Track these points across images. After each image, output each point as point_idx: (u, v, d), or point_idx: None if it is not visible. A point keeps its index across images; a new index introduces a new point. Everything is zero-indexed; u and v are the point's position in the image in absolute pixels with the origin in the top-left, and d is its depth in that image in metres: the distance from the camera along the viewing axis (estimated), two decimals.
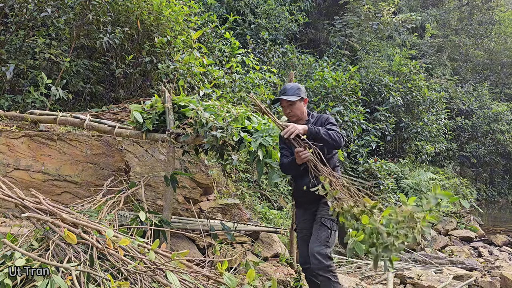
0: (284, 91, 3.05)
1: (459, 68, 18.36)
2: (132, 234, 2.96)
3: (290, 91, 3.03)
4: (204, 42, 7.40)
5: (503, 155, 16.63)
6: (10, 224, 3.32)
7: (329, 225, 2.87)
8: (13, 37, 5.45)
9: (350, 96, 9.64)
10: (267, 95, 7.21)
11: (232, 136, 3.33)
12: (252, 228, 4.70)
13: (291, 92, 3.02)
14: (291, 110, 3.02)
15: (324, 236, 2.83)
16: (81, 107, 5.81)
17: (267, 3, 11.46)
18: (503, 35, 18.81)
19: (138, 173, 4.18)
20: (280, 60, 10.21)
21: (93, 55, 6.30)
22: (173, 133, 3.57)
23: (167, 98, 3.66)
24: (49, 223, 2.48)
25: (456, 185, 11.90)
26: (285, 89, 3.06)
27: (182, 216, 4.23)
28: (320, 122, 3.06)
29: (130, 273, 2.28)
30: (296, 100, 3.00)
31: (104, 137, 4.26)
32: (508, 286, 4.56)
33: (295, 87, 3.06)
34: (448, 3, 19.20)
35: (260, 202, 6.63)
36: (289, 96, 2.99)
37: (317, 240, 2.84)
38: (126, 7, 5.84)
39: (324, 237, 2.83)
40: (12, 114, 4.48)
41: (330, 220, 2.87)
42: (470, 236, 7.90)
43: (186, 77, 5.41)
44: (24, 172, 3.89)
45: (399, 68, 12.21)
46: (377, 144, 10.06)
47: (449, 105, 14.92)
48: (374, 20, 12.13)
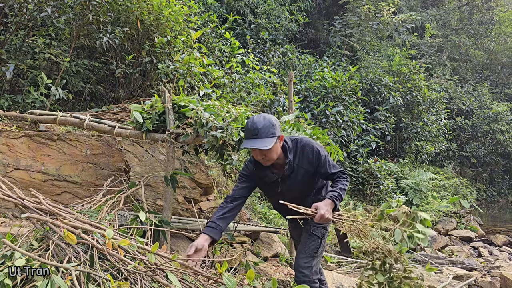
0: (255, 132, 2.29)
1: (459, 68, 18.37)
2: (132, 234, 2.96)
3: (263, 132, 2.28)
4: (204, 42, 7.40)
5: (503, 155, 16.64)
6: (10, 224, 3.33)
7: (320, 234, 2.62)
8: (13, 37, 5.45)
9: (350, 96, 9.64)
10: (267, 95, 7.22)
11: (232, 136, 3.33)
12: (252, 228, 4.71)
13: (265, 133, 2.29)
14: (266, 155, 2.36)
15: (313, 247, 2.59)
16: (81, 107, 5.81)
17: (267, 3, 11.47)
18: (503, 35, 18.82)
19: (138, 173, 4.18)
20: (280, 60, 10.22)
21: (93, 55, 6.30)
22: (173, 133, 3.57)
23: (167, 98, 3.66)
24: (49, 223, 2.48)
25: (456, 185, 11.91)
26: (255, 129, 2.29)
27: (182, 216, 4.23)
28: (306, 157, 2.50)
29: (130, 273, 2.28)
30: (271, 145, 2.29)
31: (104, 137, 4.26)
32: (508, 286, 4.56)
33: (268, 125, 2.30)
34: (448, 3, 19.20)
35: (260, 202, 6.63)
36: (262, 140, 2.28)
37: (304, 251, 2.60)
38: (126, 7, 5.85)
39: (312, 248, 2.59)
40: (12, 114, 4.48)
41: (320, 229, 2.63)
42: (470, 236, 7.90)
43: (186, 77, 5.41)
44: (24, 172, 3.89)
45: (399, 68, 12.21)
46: (377, 144, 10.07)
47: (449, 105, 14.93)
48: (374, 20, 12.14)
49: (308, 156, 2.50)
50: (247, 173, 2.59)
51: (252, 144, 2.30)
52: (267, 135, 2.29)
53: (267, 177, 2.56)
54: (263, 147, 2.27)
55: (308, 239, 2.61)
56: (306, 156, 2.50)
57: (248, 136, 2.34)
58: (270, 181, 2.56)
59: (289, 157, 2.46)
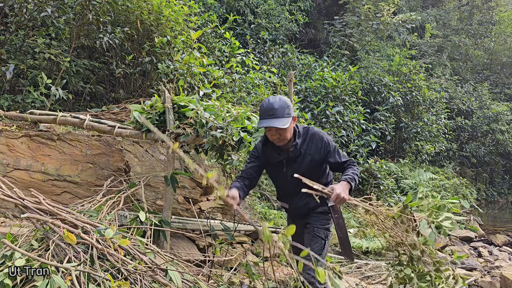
0: (272, 112, 2.37)
1: (459, 68, 18.36)
2: (132, 234, 2.96)
3: (279, 112, 2.36)
4: (204, 42, 7.40)
5: (503, 155, 16.63)
6: (10, 224, 3.32)
7: (323, 235, 2.64)
8: (13, 37, 5.45)
9: (350, 96, 9.64)
10: (267, 95, 7.22)
11: (232, 136, 3.33)
12: (252, 228, 4.70)
13: (281, 113, 2.37)
14: (281, 134, 2.44)
15: (317, 248, 2.59)
16: (81, 107, 5.81)
17: (267, 3, 11.47)
18: (503, 35, 18.82)
19: (138, 173, 4.18)
20: (280, 60, 10.22)
21: (93, 55, 6.30)
22: (173, 133, 3.57)
23: (167, 98, 3.66)
24: (49, 223, 2.48)
25: (456, 185, 11.90)
26: (272, 109, 2.37)
27: (182, 216, 4.23)
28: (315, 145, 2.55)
29: (130, 273, 2.28)
30: (287, 124, 2.38)
31: (104, 137, 4.26)
32: (508, 286, 4.56)
33: (284, 106, 2.39)
34: (448, 3, 19.20)
35: (260, 202, 6.63)
36: (279, 120, 2.36)
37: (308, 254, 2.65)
38: (126, 7, 5.85)
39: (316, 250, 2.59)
40: (12, 114, 4.48)
41: (324, 230, 2.65)
42: (470, 236, 7.90)
43: (186, 77, 5.41)
44: (24, 172, 3.89)
45: (399, 68, 12.21)
46: (377, 144, 10.06)
47: (449, 105, 14.92)
48: (374, 20, 12.14)
49: (317, 144, 2.55)
50: (255, 153, 2.68)
51: (270, 123, 2.36)
52: (283, 115, 2.37)
53: (273, 157, 2.62)
54: (280, 126, 2.34)
55: (311, 241, 2.62)
56: (315, 143, 2.56)
57: (264, 116, 2.40)
58: (275, 161, 2.62)
59: (296, 140, 2.52)
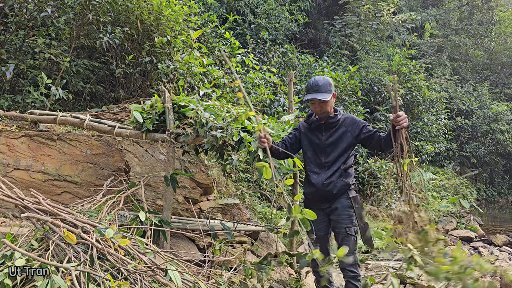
0: (317, 88, 2.87)
1: (459, 68, 18.37)
2: (132, 234, 2.96)
3: (322, 88, 2.86)
4: (204, 42, 7.40)
5: (503, 155, 16.64)
6: (10, 224, 3.32)
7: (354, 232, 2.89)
8: (13, 37, 5.45)
9: (350, 96, 9.64)
10: (267, 95, 7.21)
11: (232, 136, 3.33)
12: (252, 228, 4.70)
13: (324, 89, 2.86)
14: (322, 107, 2.90)
15: (352, 245, 2.84)
16: (81, 107, 5.81)
17: (267, 3, 11.47)
18: (503, 35, 18.82)
19: (138, 173, 4.18)
20: (280, 60, 10.21)
21: (93, 55, 6.30)
22: (173, 133, 3.57)
23: (167, 98, 3.66)
24: (49, 223, 2.48)
25: (456, 185, 11.90)
26: (317, 85, 2.87)
27: (182, 216, 4.23)
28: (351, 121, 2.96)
29: (130, 273, 2.28)
30: (329, 98, 2.87)
31: (104, 137, 4.26)
32: (508, 286, 4.56)
33: (327, 83, 2.88)
34: (448, 3, 19.20)
35: (260, 202, 6.63)
36: (322, 94, 2.85)
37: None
38: (126, 7, 5.84)
39: (351, 246, 2.83)
40: (12, 114, 4.48)
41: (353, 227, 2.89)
42: (470, 236, 7.90)
43: (186, 77, 5.41)
44: (24, 172, 3.89)
45: (399, 68, 12.21)
46: None
47: (449, 105, 14.92)
48: (374, 20, 12.14)
49: (353, 121, 2.97)
50: (297, 127, 3.16)
51: (314, 96, 2.86)
52: (326, 91, 2.86)
53: (314, 123, 3.03)
54: (323, 99, 2.83)
55: (345, 240, 2.85)
56: (351, 120, 2.97)
57: (310, 91, 2.90)
58: (315, 125, 3.02)
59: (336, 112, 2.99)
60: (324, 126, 2.99)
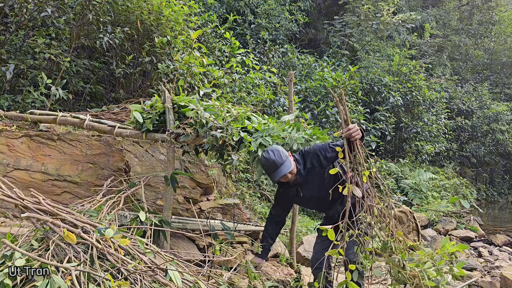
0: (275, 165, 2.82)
1: (459, 68, 18.37)
2: (132, 234, 2.96)
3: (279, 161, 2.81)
4: (204, 42, 7.40)
5: (503, 155, 16.63)
6: (10, 224, 3.32)
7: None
8: (13, 37, 5.45)
9: (350, 96, 9.64)
10: (267, 95, 7.21)
11: (232, 136, 3.33)
12: (252, 228, 4.70)
13: (281, 160, 2.82)
14: (291, 173, 2.88)
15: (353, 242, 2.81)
16: (81, 107, 5.81)
17: (267, 3, 11.47)
18: (503, 35, 18.82)
19: (138, 173, 4.18)
20: (280, 60, 10.22)
21: (93, 55, 6.30)
22: (173, 133, 3.57)
23: (167, 98, 3.66)
24: (49, 223, 2.48)
25: (456, 185, 11.90)
26: (274, 164, 2.82)
27: (182, 216, 4.23)
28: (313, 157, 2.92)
29: (130, 273, 2.28)
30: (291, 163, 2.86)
31: (104, 137, 4.26)
32: (508, 286, 4.56)
33: (279, 155, 2.83)
34: (448, 3, 19.20)
35: (260, 202, 6.63)
36: (285, 166, 2.81)
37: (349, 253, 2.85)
38: (126, 7, 5.84)
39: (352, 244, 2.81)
40: (12, 114, 4.48)
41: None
42: (470, 236, 7.89)
43: (186, 77, 5.41)
44: (24, 172, 3.89)
45: (399, 68, 12.21)
46: (377, 144, 10.06)
47: (449, 105, 14.92)
48: (374, 20, 12.15)
49: (314, 155, 2.92)
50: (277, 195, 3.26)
51: (281, 173, 2.81)
52: (285, 161, 2.82)
53: (290, 190, 3.08)
54: (290, 169, 2.82)
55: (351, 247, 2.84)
56: (311, 156, 2.93)
57: (272, 171, 2.84)
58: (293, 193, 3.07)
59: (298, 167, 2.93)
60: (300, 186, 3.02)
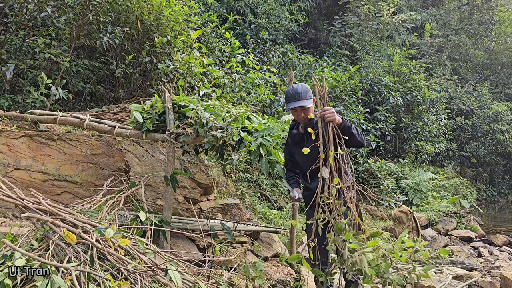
0: (297, 96, 2.92)
1: (459, 68, 18.36)
2: (132, 234, 2.96)
3: (303, 95, 2.91)
4: (204, 42, 7.40)
5: (503, 155, 16.63)
6: (10, 224, 3.32)
7: None
8: (13, 37, 5.45)
9: (350, 96, 9.64)
10: (267, 95, 7.21)
11: (232, 136, 3.33)
12: (252, 228, 4.70)
13: (304, 96, 2.91)
14: (305, 113, 2.95)
15: None
16: (81, 107, 5.81)
17: (267, 3, 11.47)
18: (503, 35, 18.82)
19: (138, 173, 4.18)
20: (280, 60, 10.21)
21: (93, 55, 6.30)
22: (173, 133, 3.57)
23: (167, 98, 3.66)
24: (49, 223, 2.48)
25: (456, 185, 11.90)
26: (297, 93, 2.92)
27: (182, 216, 4.23)
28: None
29: (130, 273, 2.28)
30: (311, 104, 2.94)
31: (104, 137, 4.26)
32: (508, 286, 4.56)
33: (306, 90, 2.94)
34: (448, 3, 19.20)
35: (260, 202, 6.63)
36: (304, 101, 2.90)
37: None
38: (126, 7, 5.84)
39: None
40: (12, 114, 4.48)
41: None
42: (470, 236, 7.89)
43: (186, 77, 5.41)
44: (24, 172, 3.89)
45: (399, 68, 12.21)
46: (377, 144, 10.06)
47: (449, 105, 14.92)
48: (374, 20, 12.14)
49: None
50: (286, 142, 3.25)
51: (296, 104, 2.91)
52: (306, 97, 2.92)
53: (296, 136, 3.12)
54: (305, 105, 2.89)
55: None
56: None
57: (291, 100, 2.94)
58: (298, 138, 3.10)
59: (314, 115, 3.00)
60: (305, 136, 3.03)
